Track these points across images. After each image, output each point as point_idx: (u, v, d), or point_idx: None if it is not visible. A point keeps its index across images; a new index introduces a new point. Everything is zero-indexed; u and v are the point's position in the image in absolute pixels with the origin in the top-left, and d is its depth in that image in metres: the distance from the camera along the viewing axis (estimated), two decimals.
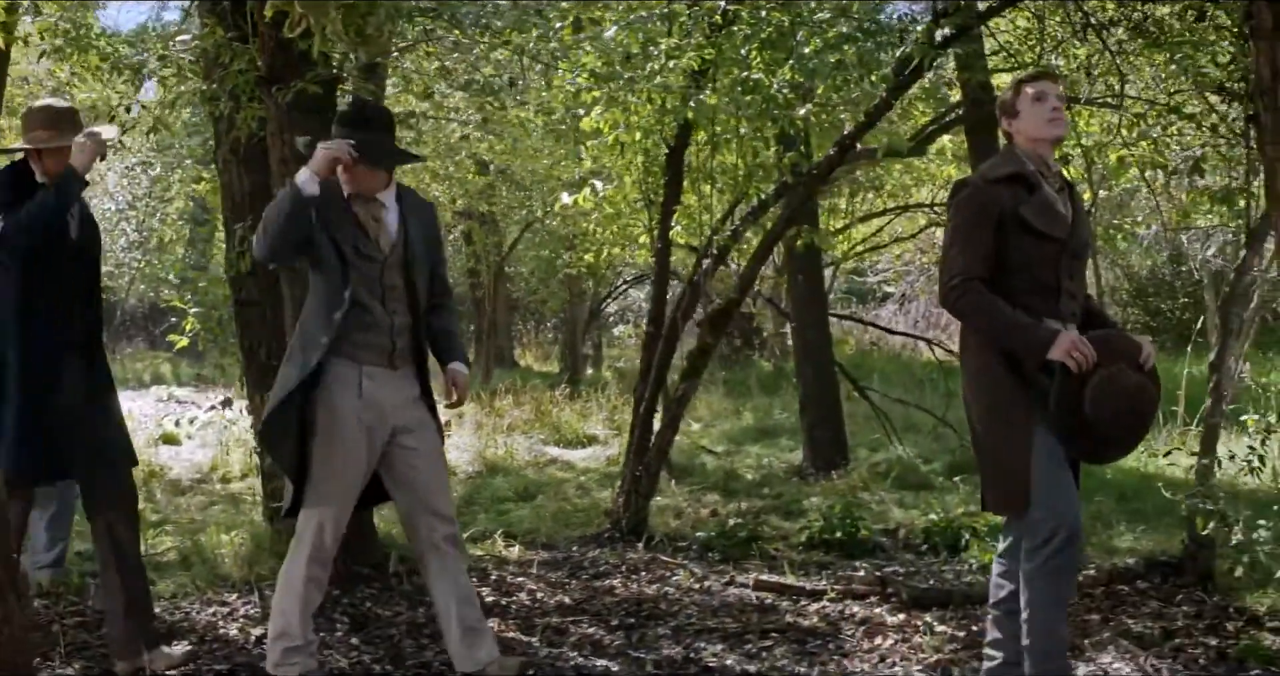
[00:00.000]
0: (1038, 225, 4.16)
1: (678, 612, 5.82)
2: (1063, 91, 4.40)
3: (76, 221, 4.78)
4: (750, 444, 11.41)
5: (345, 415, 4.42)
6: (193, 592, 6.04)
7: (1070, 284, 4.22)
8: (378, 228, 4.50)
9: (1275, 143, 5.17)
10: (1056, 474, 4.11)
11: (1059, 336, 4.04)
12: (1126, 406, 4.09)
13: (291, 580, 4.53)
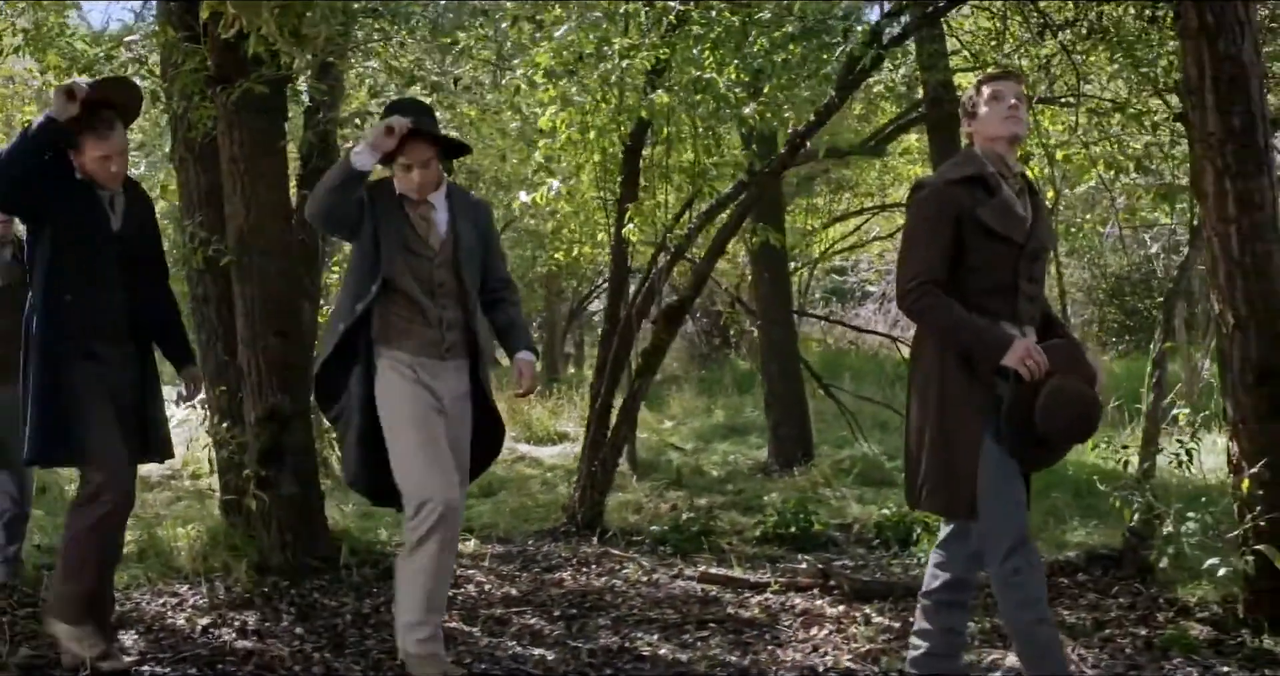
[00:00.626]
0: (996, 227, 4.11)
1: (621, 604, 5.91)
2: (1023, 91, 4.35)
3: (120, 215, 4.80)
4: (719, 441, 11.51)
5: (411, 395, 4.51)
6: (144, 584, 6.13)
7: (1029, 286, 4.21)
8: (428, 227, 4.63)
9: (1203, 141, 5.29)
10: (1007, 483, 4.06)
11: (1014, 342, 4.02)
12: (1077, 414, 4.04)
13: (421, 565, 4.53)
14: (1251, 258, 5.18)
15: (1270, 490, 5.18)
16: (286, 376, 6.12)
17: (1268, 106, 5.31)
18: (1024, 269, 4.17)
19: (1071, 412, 4.03)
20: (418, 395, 4.53)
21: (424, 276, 4.60)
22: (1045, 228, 4.29)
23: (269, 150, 5.86)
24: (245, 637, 5.34)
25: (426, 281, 4.60)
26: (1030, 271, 4.21)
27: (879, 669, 4.94)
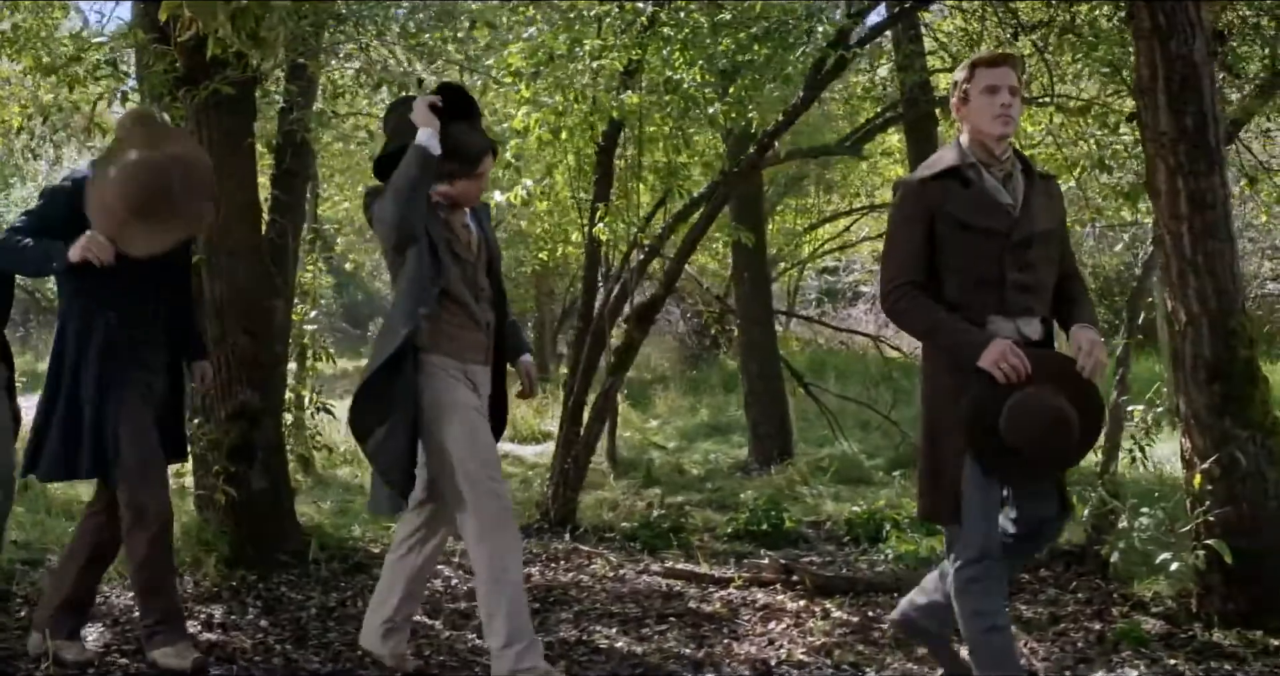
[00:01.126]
0: (969, 220, 4.02)
1: (584, 598, 5.98)
2: (1021, 79, 4.12)
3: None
4: (702, 440, 11.58)
5: (464, 401, 4.54)
6: (115, 579, 6.19)
7: (1022, 276, 4.01)
8: (467, 233, 4.72)
9: (1156, 140, 5.35)
10: (984, 493, 4.02)
11: (991, 343, 3.92)
12: (1043, 428, 3.90)
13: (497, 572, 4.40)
14: (1203, 256, 5.25)
15: (1220, 485, 5.25)
16: (255, 374, 6.19)
17: (1220, 106, 5.38)
18: (1012, 259, 4.00)
19: (1036, 425, 3.90)
20: (471, 400, 4.57)
21: (470, 281, 4.67)
22: (1043, 211, 4.08)
23: (237, 151, 5.93)
24: (210, 630, 5.41)
25: (473, 286, 4.68)
26: (1022, 260, 4.02)
27: (831, 662, 5.00)
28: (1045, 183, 4.16)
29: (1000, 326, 4.01)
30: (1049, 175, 4.24)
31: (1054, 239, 4.11)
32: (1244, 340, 5.27)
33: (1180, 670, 4.82)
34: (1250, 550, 5.22)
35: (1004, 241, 3.99)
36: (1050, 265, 4.09)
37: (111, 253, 4.48)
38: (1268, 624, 5.17)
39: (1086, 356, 3.88)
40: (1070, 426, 3.92)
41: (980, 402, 3.95)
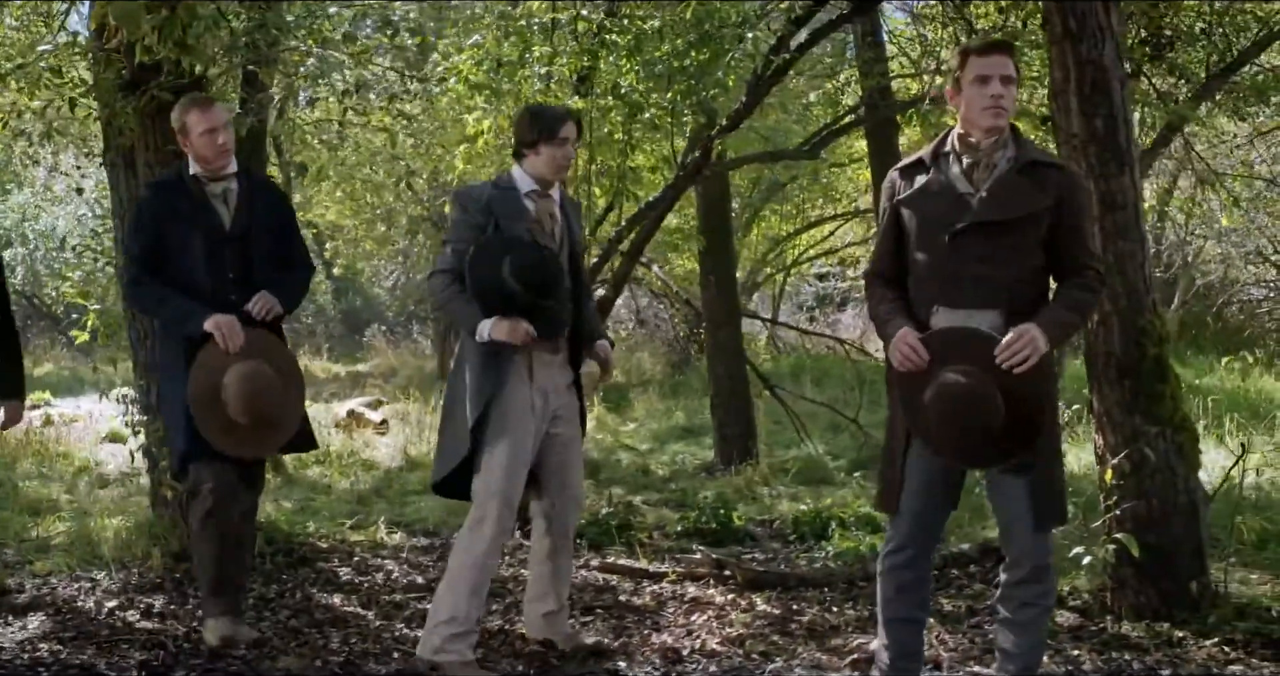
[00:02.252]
0: (918, 210, 4.06)
1: (518, 591, 6.10)
2: (1017, 66, 4.04)
3: (231, 211, 5.03)
4: (674, 442, 11.69)
5: (519, 404, 4.71)
6: (64, 571, 6.36)
7: (977, 267, 3.95)
8: (551, 221, 4.83)
9: (1068, 142, 5.47)
10: (914, 485, 4.12)
11: (895, 334, 3.99)
12: (949, 411, 3.90)
13: (468, 565, 4.77)
14: (1114, 256, 5.36)
15: (1131, 481, 5.36)
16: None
17: (1130, 108, 5.50)
18: (963, 250, 3.96)
19: (940, 407, 3.92)
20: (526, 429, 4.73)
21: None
22: (1011, 201, 3.94)
23: (182, 154, 6.08)
24: (149, 619, 5.56)
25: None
26: (976, 251, 3.95)
27: (742, 652, 5.13)
28: (1036, 171, 3.99)
29: (944, 318, 4.02)
30: (1053, 164, 4.08)
31: (1020, 229, 3.95)
32: (1153, 338, 5.38)
33: (1081, 660, 4.94)
34: (1160, 545, 5.34)
35: (956, 231, 3.97)
36: (1018, 255, 3.97)
37: (239, 343, 4.81)
38: (1176, 616, 5.29)
39: (1003, 348, 3.85)
40: (975, 407, 3.86)
41: (902, 390, 4.05)
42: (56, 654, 5.05)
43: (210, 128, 4.92)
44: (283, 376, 4.93)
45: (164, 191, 5.09)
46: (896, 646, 4.31)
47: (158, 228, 4.99)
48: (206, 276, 4.95)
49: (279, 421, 4.95)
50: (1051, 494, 4.04)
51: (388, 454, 10.88)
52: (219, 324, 4.81)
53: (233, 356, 4.83)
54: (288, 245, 5.24)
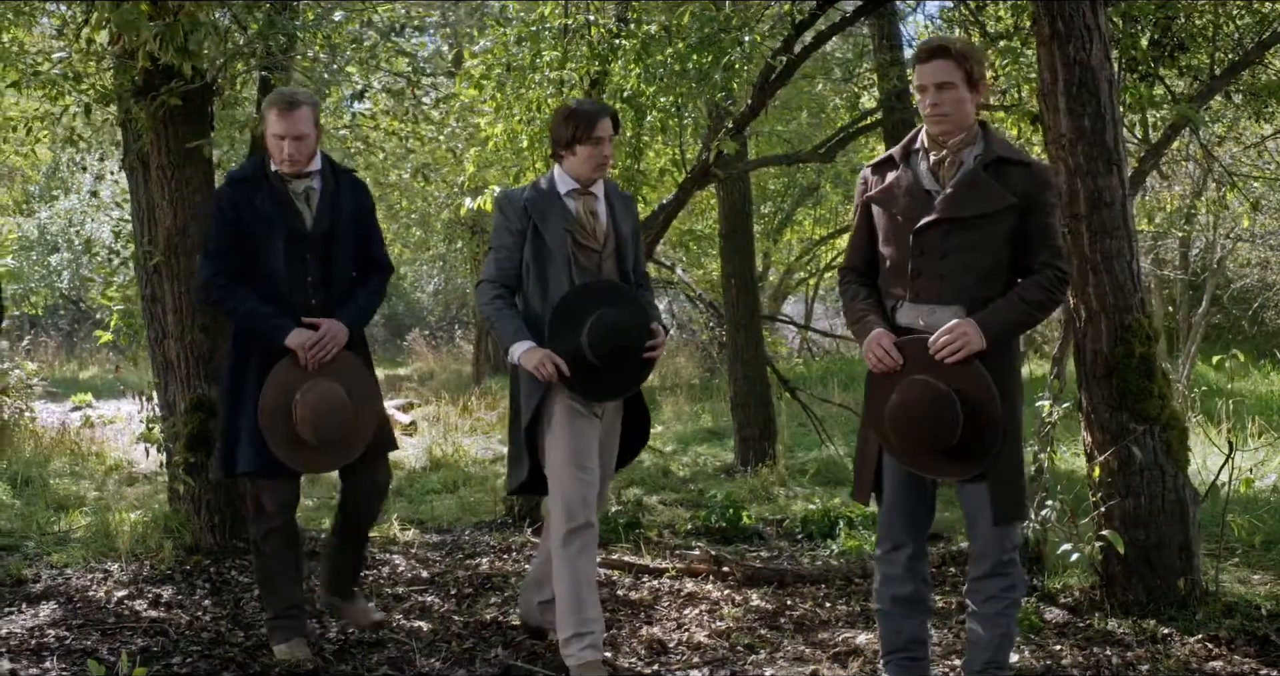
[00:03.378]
0: (882, 206, 4.14)
1: (516, 585, 6.20)
2: (970, 68, 4.01)
3: (314, 210, 4.92)
4: (697, 444, 11.77)
5: (568, 400, 4.75)
6: (80, 562, 6.54)
7: (931, 263, 4.04)
8: (594, 221, 4.84)
9: (1056, 142, 5.52)
10: (891, 481, 4.22)
11: (869, 335, 4.09)
12: (903, 422, 4.02)
13: (558, 567, 4.75)
14: (1101, 254, 5.41)
15: (1118, 478, 5.41)
16: (211, 368, 6.50)
17: (1118, 108, 5.53)
18: (925, 246, 4.04)
19: (893, 415, 4.03)
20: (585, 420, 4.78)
21: (593, 268, 4.82)
22: (973, 198, 4.00)
23: (194, 157, 6.26)
24: (155, 608, 5.72)
25: (594, 272, 4.82)
26: (931, 247, 4.03)
27: (728, 644, 5.21)
28: (1003, 168, 4.03)
29: (906, 313, 4.12)
30: (1020, 161, 4.08)
31: (983, 226, 4.00)
32: (1140, 336, 5.41)
33: (1061, 655, 4.97)
34: (1148, 542, 5.38)
35: (915, 229, 4.04)
36: (981, 252, 4.02)
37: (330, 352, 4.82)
38: (1164, 613, 5.32)
39: (934, 342, 3.96)
40: (927, 422, 3.96)
41: (869, 391, 4.16)
42: (62, 639, 5.22)
43: (279, 134, 4.79)
44: (354, 398, 4.89)
45: (242, 186, 4.92)
46: (885, 639, 4.40)
47: (238, 224, 4.85)
48: (285, 278, 4.87)
49: (346, 442, 4.92)
50: (1011, 490, 4.08)
51: (413, 454, 11.04)
52: (300, 343, 4.79)
53: (309, 373, 4.82)
54: (367, 245, 5.13)
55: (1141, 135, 8.07)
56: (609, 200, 4.94)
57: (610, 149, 4.88)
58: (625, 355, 4.78)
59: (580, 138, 4.77)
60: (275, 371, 4.80)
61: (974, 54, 4.05)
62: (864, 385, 4.29)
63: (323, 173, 4.98)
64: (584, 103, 5.06)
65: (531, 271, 4.80)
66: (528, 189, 4.95)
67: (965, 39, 4.32)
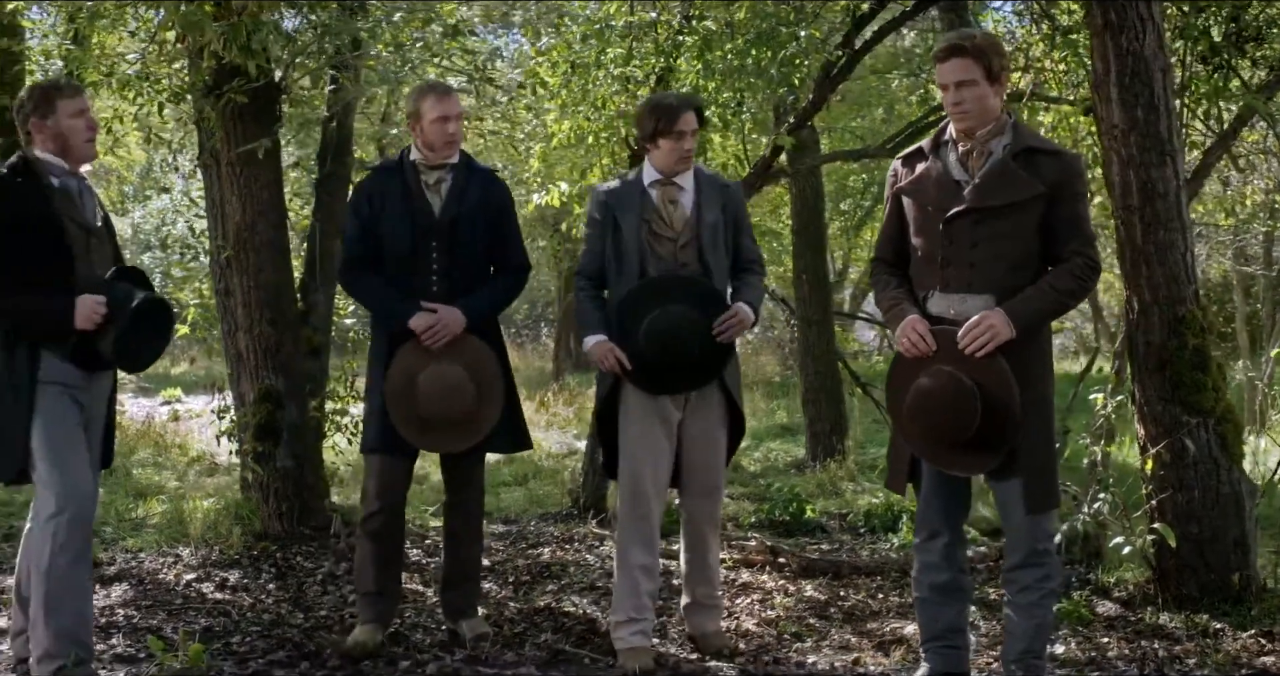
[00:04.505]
0: (913, 197, 4.19)
1: (576, 574, 6.31)
2: (987, 65, 4.03)
3: (443, 199, 5.01)
4: (771, 439, 11.80)
5: (640, 395, 4.89)
6: (153, 547, 6.76)
7: (961, 252, 4.07)
8: (673, 209, 4.90)
9: (1109, 133, 5.49)
10: (936, 471, 4.23)
11: (903, 320, 4.15)
12: (914, 406, 4.09)
13: (617, 556, 4.98)
14: (1154, 245, 5.36)
15: (1171, 471, 5.36)
16: (279, 360, 6.69)
17: (1172, 99, 5.47)
18: (954, 235, 4.08)
19: (912, 403, 4.09)
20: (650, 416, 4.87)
21: (669, 258, 4.89)
22: (1001, 188, 4.02)
23: (262, 154, 6.44)
24: (221, 591, 5.93)
25: (670, 262, 4.88)
26: (961, 236, 4.07)
27: (775, 632, 5.26)
28: (1032, 158, 4.05)
29: (937, 302, 4.16)
30: (1049, 150, 4.10)
31: (1012, 216, 4.02)
32: (1194, 328, 5.35)
33: (1107, 647, 4.95)
34: (1201, 536, 5.32)
35: (943, 218, 4.08)
36: (1010, 241, 4.04)
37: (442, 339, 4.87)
38: (1217, 608, 5.26)
39: (963, 334, 3.99)
40: (943, 416, 4.01)
41: (893, 374, 4.22)
42: (130, 618, 5.42)
43: (443, 116, 4.90)
44: (476, 380, 4.94)
45: (380, 176, 5.10)
46: (924, 627, 4.44)
47: (371, 212, 4.98)
48: (410, 264, 4.96)
49: (467, 423, 4.96)
50: (1042, 478, 4.09)
51: None
52: (420, 324, 4.86)
53: (431, 355, 4.89)
54: (502, 241, 5.15)
55: (1217, 128, 7.96)
56: (699, 189, 4.97)
57: (692, 142, 4.94)
58: (680, 354, 4.83)
59: (663, 131, 4.85)
60: (400, 354, 4.91)
61: (993, 48, 4.07)
62: (888, 370, 4.34)
63: (457, 166, 5.09)
64: (668, 96, 5.15)
65: (612, 262, 4.91)
66: (614, 181, 5.09)
67: (984, 33, 4.30)
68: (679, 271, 4.89)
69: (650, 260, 4.87)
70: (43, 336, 4.39)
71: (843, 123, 11.73)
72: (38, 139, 4.49)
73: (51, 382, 4.39)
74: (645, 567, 4.87)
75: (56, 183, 4.48)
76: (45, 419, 4.37)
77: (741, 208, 5.15)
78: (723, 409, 5.01)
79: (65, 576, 4.31)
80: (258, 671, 4.72)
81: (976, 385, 3.98)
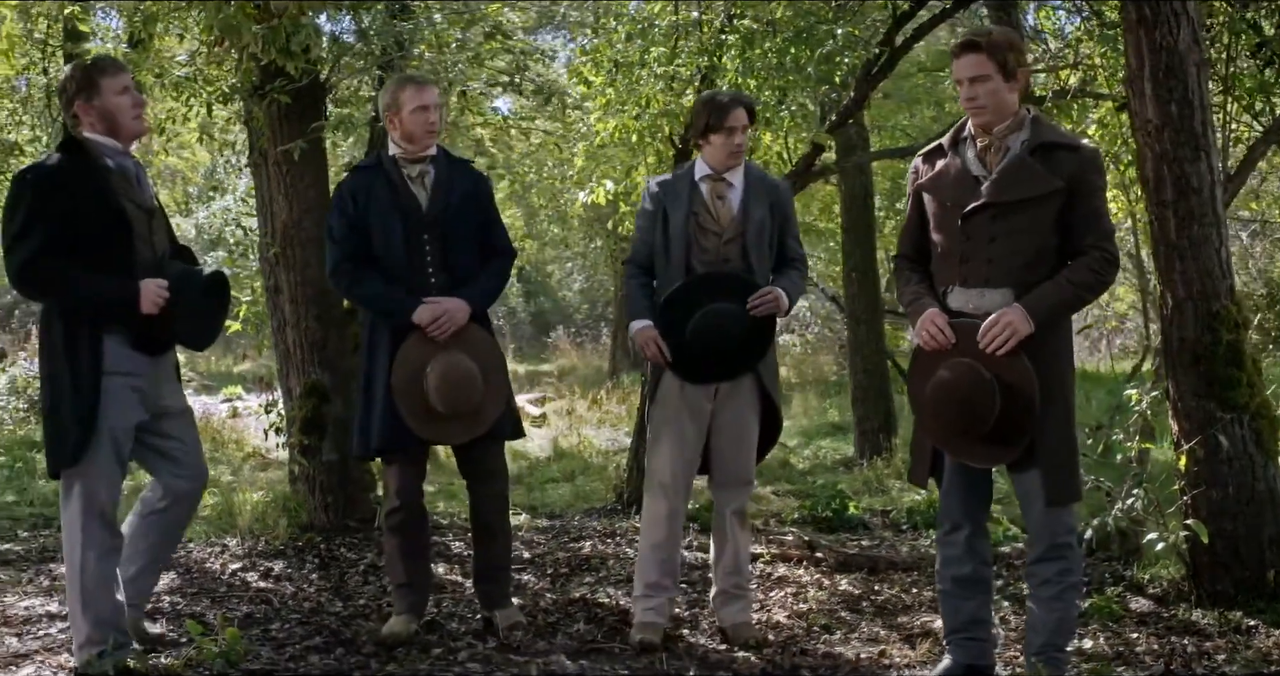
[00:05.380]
0: (933, 193, 4.25)
1: (614, 567, 6.38)
2: (1000, 60, 4.07)
3: (428, 192, 5.04)
4: (822, 438, 11.82)
5: (675, 389, 5.04)
6: (202, 538, 6.92)
7: (979, 247, 4.12)
8: (721, 204, 4.99)
9: (1143, 128, 5.47)
10: (958, 464, 4.29)
11: (922, 313, 4.20)
12: (933, 399, 4.13)
13: (641, 540, 5.16)
14: (1188, 240, 5.33)
15: (1205, 467, 5.33)
16: (325, 355, 6.82)
17: (1207, 94, 5.45)
18: (970, 231, 4.12)
19: (931, 396, 4.14)
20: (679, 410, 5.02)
21: (712, 251, 4.99)
22: (1017, 182, 4.06)
23: (308, 152, 6.56)
24: (266, 580, 6.07)
25: (714, 256, 4.99)
26: (979, 231, 4.12)
27: (805, 624, 5.30)
28: (1050, 153, 4.07)
29: (957, 297, 4.21)
30: (1066, 145, 4.12)
31: (1029, 211, 4.05)
32: (1228, 323, 5.33)
33: (1136, 642, 4.94)
34: (1236, 532, 5.29)
35: (960, 214, 4.13)
36: (1028, 236, 4.07)
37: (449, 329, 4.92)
38: (1252, 605, 5.23)
39: (983, 333, 4.03)
40: (959, 408, 4.06)
41: (913, 366, 4.27)
42: (175, 605, 5.57)
43: (423, 104, 4.94)
44: (483, 369, 5.00)
45: (362, 174, 5.11)
46: (947, 619, 4.48)
47: (356, 210, 4.99)
48: (404, 259, 4.98)
49: (476, 412, 5.04)
50: (1062, 471, 4.11)
51: (539, 445, 11.31)
52: (423, 317, 4.90)
53: (436, 347, 4.93)
54: (487, 229, 5.20)
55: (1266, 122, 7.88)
56: (748, 187, 5.05)
57: (743, 138, 5.02)
58: (722, 350, 4.93)
59: (713, 126, 4.95)
60: (404, 347, 4.93)
61: (1009, 44, 4.11)
62: (909, 364, 4.38)
63: (437, 158, 5.13)
64: (720, 93, 5.24)
65: (660, 252, 5.02)
66: (667, 175, 5.22)
67: (1002, 30, 4.33)
68: (723, 267, 4.97)
69: (695, 253, 4.97)
70: (108, 322, 4.43)
71: (893, 121, 11.72)
72: (85, 121, 4.49)
73: (116, 373, 4.44)
74: (662, 546, 5.04)
75: (112, 164, 4.49)
76: (106, 414, 4.42)
77: (789, 207, 5.24)
78: (755, 403, 5.09)
79: (96, 571, 4.44)
80: (294, 656, 4.83)
81: (995, 377, 4.01)
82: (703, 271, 4.94)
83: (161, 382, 4.68)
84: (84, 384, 4.39)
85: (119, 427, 4.46)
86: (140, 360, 4.51)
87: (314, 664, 4.71)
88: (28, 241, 4.32)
